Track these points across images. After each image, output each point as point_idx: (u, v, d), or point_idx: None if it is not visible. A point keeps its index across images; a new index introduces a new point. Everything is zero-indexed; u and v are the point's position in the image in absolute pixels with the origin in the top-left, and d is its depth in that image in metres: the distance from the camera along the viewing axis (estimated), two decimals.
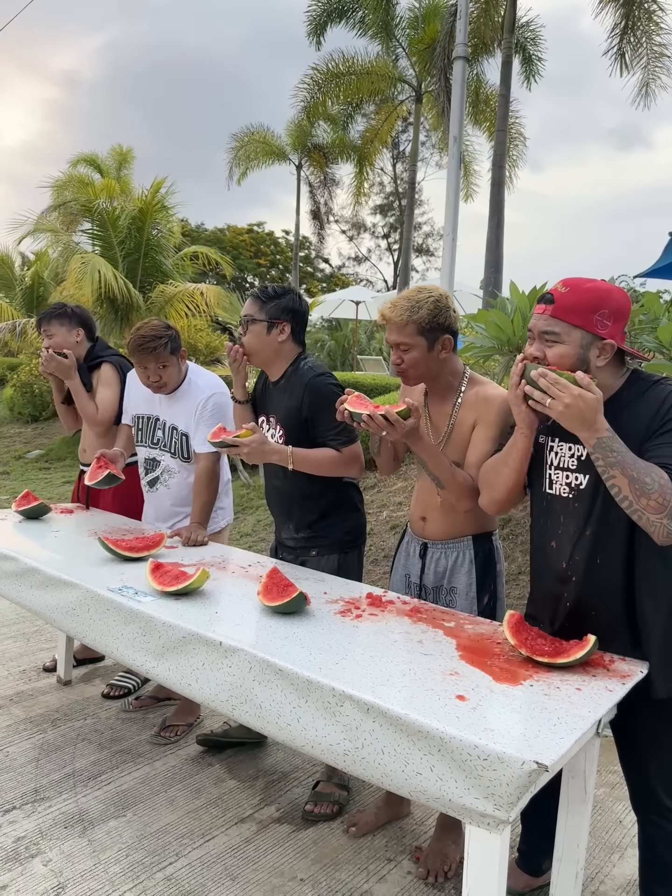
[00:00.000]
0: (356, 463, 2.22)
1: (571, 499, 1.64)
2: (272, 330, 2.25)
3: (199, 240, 27.14)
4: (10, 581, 2.23)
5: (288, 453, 2.14)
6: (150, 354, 2.54)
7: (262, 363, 2.34)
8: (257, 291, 2.29)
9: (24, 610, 3.72)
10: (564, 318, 1.52)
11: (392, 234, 33.69)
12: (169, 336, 2.57)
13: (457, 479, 1.88)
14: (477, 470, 1.88)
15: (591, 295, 1.52)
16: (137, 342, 2.53)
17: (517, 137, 13.56)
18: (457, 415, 1.96)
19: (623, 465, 1.45)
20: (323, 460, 2.19)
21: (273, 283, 2.34)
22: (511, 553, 4.21)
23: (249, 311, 2.27)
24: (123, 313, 10.65)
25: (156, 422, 2.74)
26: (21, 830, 2.11)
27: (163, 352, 2.55)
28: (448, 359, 1.96)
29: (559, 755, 1.19)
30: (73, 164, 17.63)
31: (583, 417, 1.45)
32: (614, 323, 1.53)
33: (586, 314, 1.51)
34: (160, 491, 2.77)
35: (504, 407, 1.89)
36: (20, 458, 9.14)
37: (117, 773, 2.42)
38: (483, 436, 1.91)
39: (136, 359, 2.58)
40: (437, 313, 1.88)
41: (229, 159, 18.50)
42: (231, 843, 2.09)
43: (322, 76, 14.10)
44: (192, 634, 1.68)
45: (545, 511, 1.72)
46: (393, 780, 1.34)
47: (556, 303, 1.53)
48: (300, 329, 2.32)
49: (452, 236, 4.97)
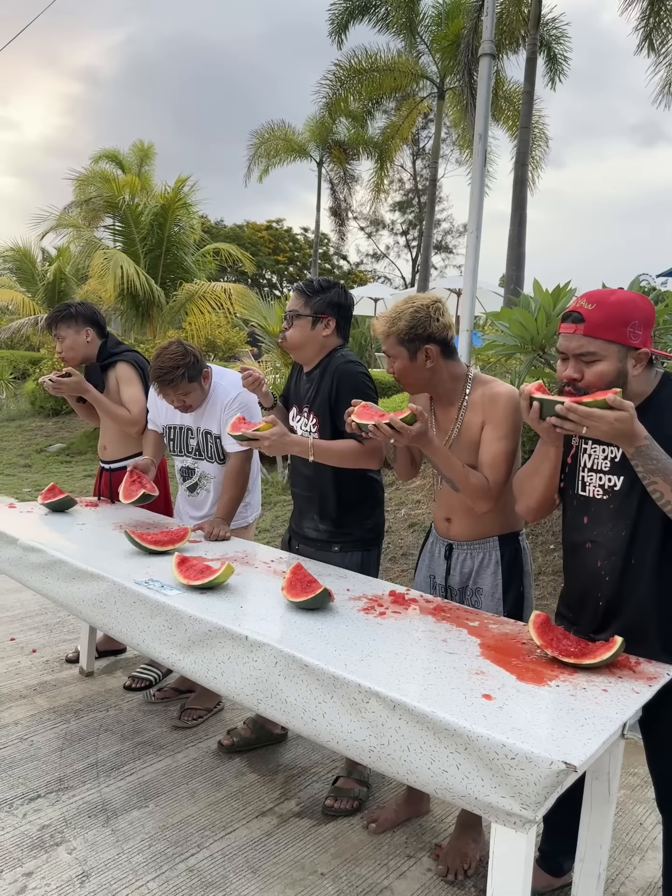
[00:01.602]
0: (377, 455, 2.21)
1: (606, 500, 1.64)
2: (317, 325, 2.24)
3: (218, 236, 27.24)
4: (37, 572, 2.26)
5: (309, 445, 2.14)
6: (167, 386, 2.53)
7: (303, 357, 2.33)
8: (302, 286, 2.27)
9: (46, 601, 3.78)
10: (599, 335, 1.51)
11: (411, 230, 33.59)
12: (186, 364, 2.52)
13: (470, 480, 1.88)
14: (490, 470, 1.88)
15: (620, 308, 1.50)
16: (156, 373, 2.52)
17: (540, 137, 13.45)
18: (463, 418, 1.96)
19: (664, 471, 1.46)
20: (344, 452, 2.18)
21: (319, 277, 2.32)
22: (532, 553, 4.19)
23: (294, 306, 2.26)
24: (144, 309, 10.74)
25: (188, 431, 2.76)
26: (46, 819, 2.14)
27: (180, 382, 2.52)
28: (440, 367, 1.95)
29: (587, 756, 1.19)
30: (95, 160, 17.78)
31: (623, 435, 1.45)
32: (644, 331, 1.52)
33: (619, 328, 1.50)
34: (201, 495, 2.80)
35: (511, 403, 1.90)
36: (42, 452, 9.25)
37: (139, 764, 2.45)
38: (493, 435, 1.90)
39: (156, 388, 2.58)
40: (414, 324, 1.88)
41: (249, 156, 18.53)
42: (252, 836, 2.11)
43: (344, 72, 14.08)
44: (217, 628, 1.70)
45: (578, 513, 1.71)
46: (418, 778, 1.34)
47: (586, 321, 1.51)
48: (345, 323, 2.31)
49: (477, 234, 4.94)
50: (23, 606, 3.92)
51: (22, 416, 11.48)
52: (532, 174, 13.34)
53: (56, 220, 12.34)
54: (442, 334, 1.93)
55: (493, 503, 1.91)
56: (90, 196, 12.36)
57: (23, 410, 11.77)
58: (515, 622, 1.81)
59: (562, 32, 11.67)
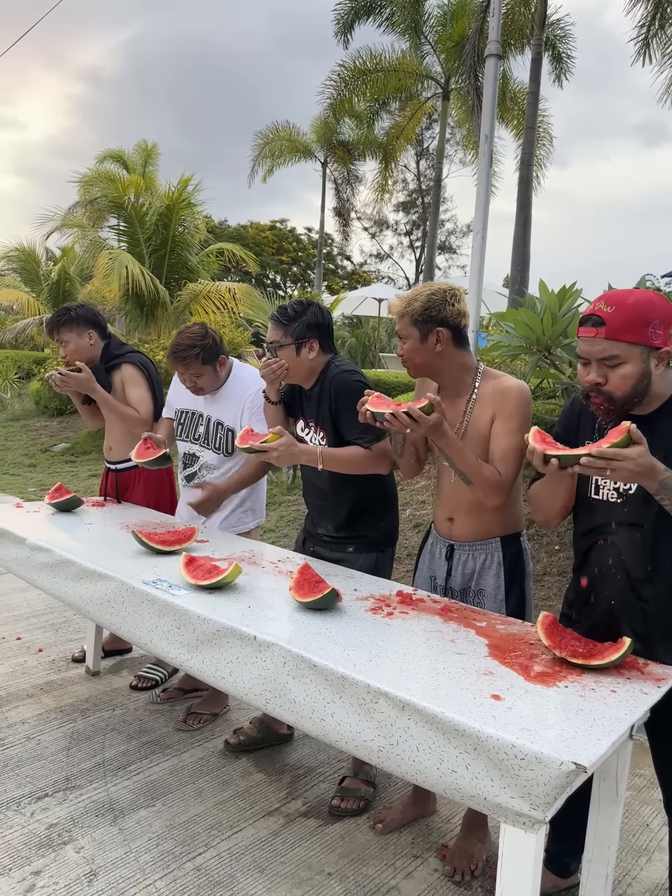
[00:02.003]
0: (385, 460, 2.22)
1: (620, 504, 1.64)
2: (301, 350, 2.25)
3: (222, 236, 27.26)
4: (44, 572, 2.27)
5: (317, 454, 2.15)
6: (180, 363, 2.57)
7: (298, 380, 2.34)
8: (277, 315, 2.27)
9: (53, 600, 3.78)
10: (621, 338, 1.50)
11: (415, 231, 33.56)
12: (203, 346, 2.56)
13: (483, 473, 1.88)
14: (502, 464, 1.89)
15: (640, 309, 1.50)
16: (172, 348, 2.59)
17: (544, 137, 13.45)
18: (472, 411, 1.96)
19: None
20: (352, 459, 2.19)
21: (289, 301, 2.31)
22: (536, 553, 4.19)
23: (274, 338, 2.26)
24: (149, 309, 10.75)
25: (199, 417, 2.77)
26: (53, 818, 2.15)
27: (192, 362, 2.56)
28: (450, 353, 1.96)
29: (597, 756, 1.19)
30: (100, 160, 17.81)
31: (645, 471, 1.43)
32: (665, 330, 1.52)
33: (640, 329, 1.49)
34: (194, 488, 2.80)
35: (522, 397, 1.90)
36: (46, 451, 9.27)
37: (146, 763, 2.46)
38: (504, 429, 1.90)
39: (172, 366, 2.63)
40: (429, 306, 1.90)
41: (253, 157, 18.54)
42: (259, 836, 2.12)
43: (349, 73, 14.09)
44: (226, 628, 1.70)
45: (592, 516, 1.72)
46: (427, 778, 1.35)
47: (607, 324, 1.51)
48: (327, 340, 2.32)
49: (482, 234, 4.94)
50: (29, 606, 3.93)
51: (26, 416, 11.50)
52: (537, 174, 13.35)
53: (61, 221, 12.36)
54: (455, 320, 1.94)
55: (504, 497, 1.91)
56: (95, 196, 12.38)
57: (27, 410, 11.79)
58: (523, 623, 1.81)
59: (566, 32, 11.69)
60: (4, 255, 16.22)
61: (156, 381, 3.08)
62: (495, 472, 1.89)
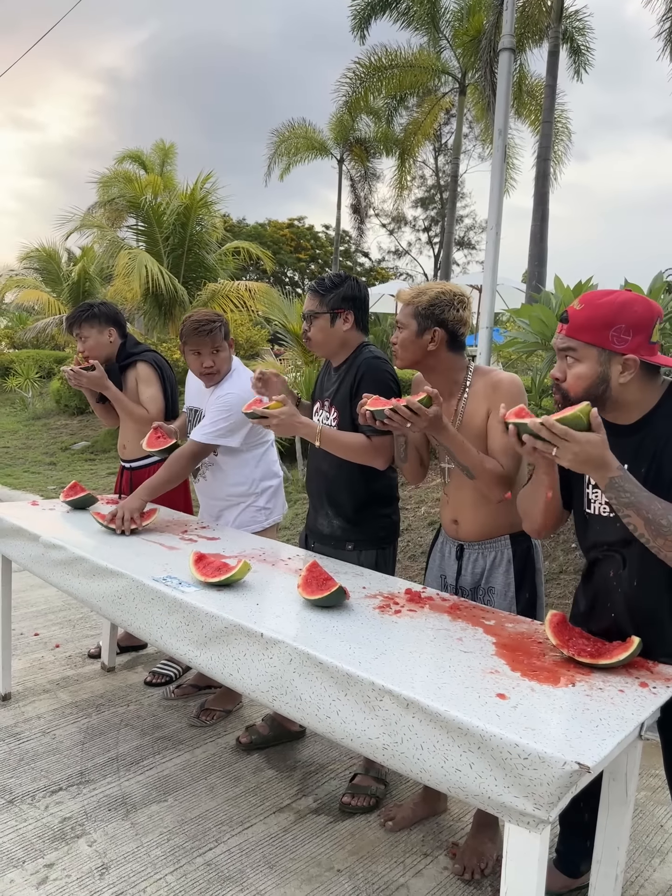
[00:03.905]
0: (382, 455, 2.20)
1: (612, 518, 1.61)
2: (336, 320, 2.26)
3: (240, 235, 27.37)
4: (58, 569, 2.30)
5: (317, 430, 2.15)
6: (206, 337, 2.59)
7: (329, 353, 2.35)
8: (315, 285, 2.29)
9: (70, 597, 3.83)
10: (577, 336, 1.49)
11: (433, 227, 33.39)
12: (221, 320, 2.64)
13: (486, 466, 1.87)
14: (503, 457, 1.89)
15: (605, 310, 1.47)
16: (193, 326, 2.59)
17: (563, 132, 13.30)
18: (464, 409, 1.97)
19: (637, 505, 1.42)
20: (350, 444, 2.18)
21: (330, 274, 2.33)
22: (552, 552, 4.16)
23: (310, 307, 2.27)
24: (167, 308, 10.82)
25: (202, 414, 2.78)
26: (67, 811, 2.18)
27: (218, 334, 2.61)
28: (442, 355, 1.97)
29: (601, 757, 1.18)
30: (119, 161, 17.97)
31: (592, 461, 1.41)
32: (634, 336, 1.47)
33: (600, 331, 1.47)
34: (200, 482, 2.83)
35: (514, 388, 1.91)
36: (66, 450, 9.38)
37: (159, 758, 2.48)
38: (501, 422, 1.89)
39: (190, 344, 2.62)
40: (435, 303, 1.92)
41: (269, 155, 18.56)
42: (269, 832, 2.13)
43: (364, 70, 14.05)
44: (233, 625, 1.71)
45: (586, 529, 1.71)
46: (431, 776, 1.34)
47: (570, 321, 1.50)
48: (362, 315, 2.32)
49: (496, 230, 4.91)
50: (47, 602, 3.98)
51: (47, 415, 11.64)
52: (554, 169, 13.22)
53: (80, 221, 12.49)
54: (455, 325, 1.95)
55: (508, 490, 1.90)
56: (113, 197, 12.49)
57: (48, 409, 11.94)
58: (531, 621, 1.79)
59: (584, 24, 11.53)
60: (26, 256, 16.44)
61: (170, 381, 3.10)
62: (498, 465, 1.89)
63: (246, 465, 2.73)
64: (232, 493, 2.74)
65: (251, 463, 2.73)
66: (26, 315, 19.98)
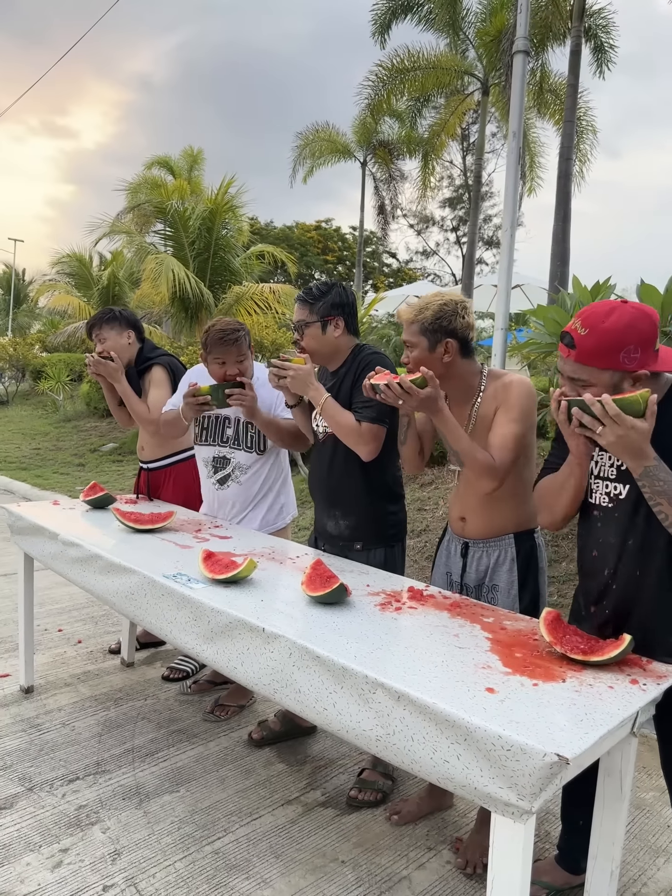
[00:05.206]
0: (369, 443, 2.22)
1: (611, 508, 1.64)
2: (327, 328, 2.31)
3: (268, 237, 27.56)
4: (75, 566, 2.38)
5: (323, 397, 2.24)
6: (231, 347, 2.59)
7: (324, 360, 2.40)
8: (303, 295, 2.34)
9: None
10: (588, 363, 1.50)
11: (461, 227, 33.22)
12: (244, 329, 2.66)
13: (476, 456, 1.89)
14: (498, 451, 1.90)
15: (613, 336, 1.47)
16: (217, 336, 2.58)
17: (588, 130, 13.15)
18: (478, 413, 2.00)
19: (669, 494, 1.45)
20: (343, 422, 2.24)
21: (317, 282, 2.38)
22: (565, 549, 4.14)
23: (300, 317, 2.33)
24: (194, 312, 10.97)
25: (225, 420, 2.78)
26: (83, 799, 2.26)
27: (242, 343, 2.63)
28: (457, 363, 1.99)
29: (582, 749, 1.21)
30: (147, 167, 18.22)
31: (632, 448, 1.44)
32: (643, 353, 1.49)
33: (611, 355, 1.47)
34: (231, 488, 2.78)
35: (523, 389, 1.93)
36: (95, 451, 9.57)
37: (173, 751, 2.55)
38: (504, 418, 1.93)
39: (215, 353, 2.60)
40: (440, 316, 1.94)
41: (293, 157, 18.70)
42: (277, 823, 2.18)
43: (387, 72, 14.06)
44: (237, 620, 1.77)
45: (587, 520, 1.73)
46: (422, 767, 1.38)
47: (577, 348, 1.50)
48: (352, 319, 2.37)
49: (511, 231, 4.91)
50: (71, 599, 4.10)
51: (78, 417, 11.88)
52: (580, 167, 13.09)
53: (109, 227, 12.71)
54: (464, 332, 1.98)
55: (497, 483, 1.93)
56: (140, 202, 12.70)
57: (79, 411, 12.18)
58: (530, 619, 1.82)
59: (608, 22, 11.39)
60: (58, 261, 16.78)
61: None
62: (489, 457, 1.90)
63: (267, 465, 2.78)
64: (259, 493, 2.78)
65: (271, 462, 2.79)
66: (58, 319, 20.38)
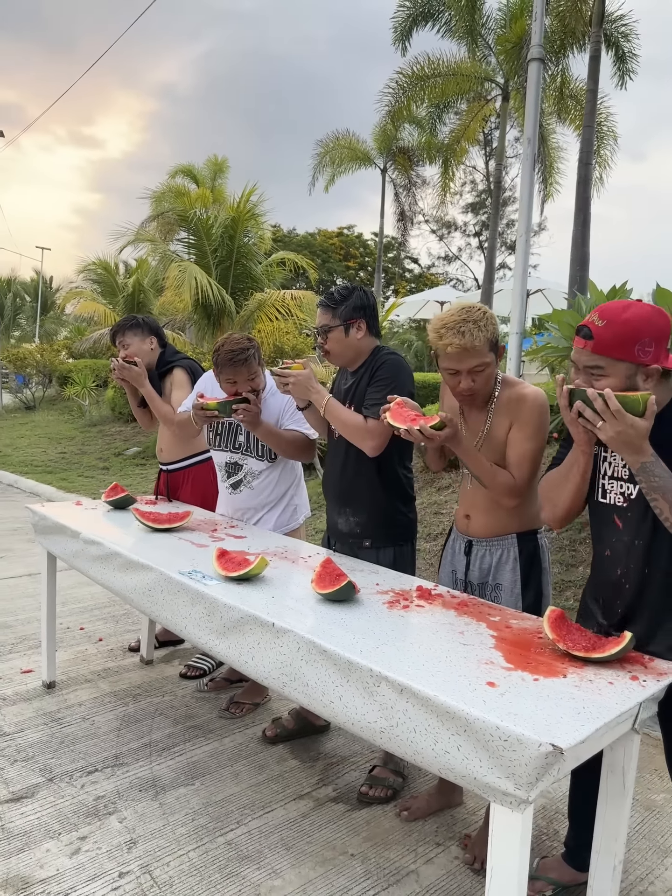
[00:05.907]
0: (374, 439, 2.25)
1: (625, 508, 1.67)
2: (349, 330, 2.35)
3: (290, 245, 27.78)
4: (96, 564, 2.46)
5: (325, 399, 2.30)
6: (242, 366, 2.59)
7: (347, 362, 2.44)
8: (325, 300, 2.39)
9: (113, 594, 4.02)
10: (606, 353, 1.53)
11: (484, 231, 33.10)
12: (253, 346, 2.65)
13: (497, 478, 1.95)
14: (517, 469, 1.94)
15: (630, 327, 1.51)
16: (227, 356, 2.59)
17: (608, 135, 13.06)
18: (492, 419, 2.03)
19: (665, 489, 1.49)
20: (349, 420, 2.29)
21: (337, 287, 2.44)
22: (574, 545, 4.14)
23: (323, 321, 2.37)
24: (216, 318, 11.11)
25: (238, 427, 2.82)
26: (101, 790, 2.33)
27: (252, 361, 2.63)
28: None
29: (576, 741, 1.24)
30: (171, 175, 18.48)
31: (631, 444, 1.48)
32: (657, 347, 1.53)
33: (628, 347, 1.52)
34: (244, 492, 2.84)
35: (537, 404, 1.95)
36: (119, 455, 9.73)
37: (189, 745, 2.61)
38: (520, 435, 1.96)
39: (226, 374, 2.61)
40: (492, 329, 1.93)
41: (313, 165, 18.82)
42: (288, 817, 2.23)
43: (407, 80, 14.09)
44: (248, 616, 1.82)
45: (599, 520, 1.76)
46: (424, 758, 1.42)
47: (595, 338, 1.54)
48: (374, 322, 2.41)
49: (526, 237, 4.94)
50: (93, 598, 4.19)
51: (103, 422, 12.09)
52: (601, 173, 13.01)
53: (134, 235, 12.92)
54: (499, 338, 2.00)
55: (518, 499, 1.99)
56: (164, 210, 12.89)
57: (104, 416, 12.39)
58: (536, 618, 1.85)
59: (630, 30, 11.31)
60: (83, 269, 17.07)
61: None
62: (509, 477, 1.96)
63: (279, 472, 2.83)
64: (271, 498, 2.83)
65: (283, 470, 2.84)
66: (84, 325, 20.71)
